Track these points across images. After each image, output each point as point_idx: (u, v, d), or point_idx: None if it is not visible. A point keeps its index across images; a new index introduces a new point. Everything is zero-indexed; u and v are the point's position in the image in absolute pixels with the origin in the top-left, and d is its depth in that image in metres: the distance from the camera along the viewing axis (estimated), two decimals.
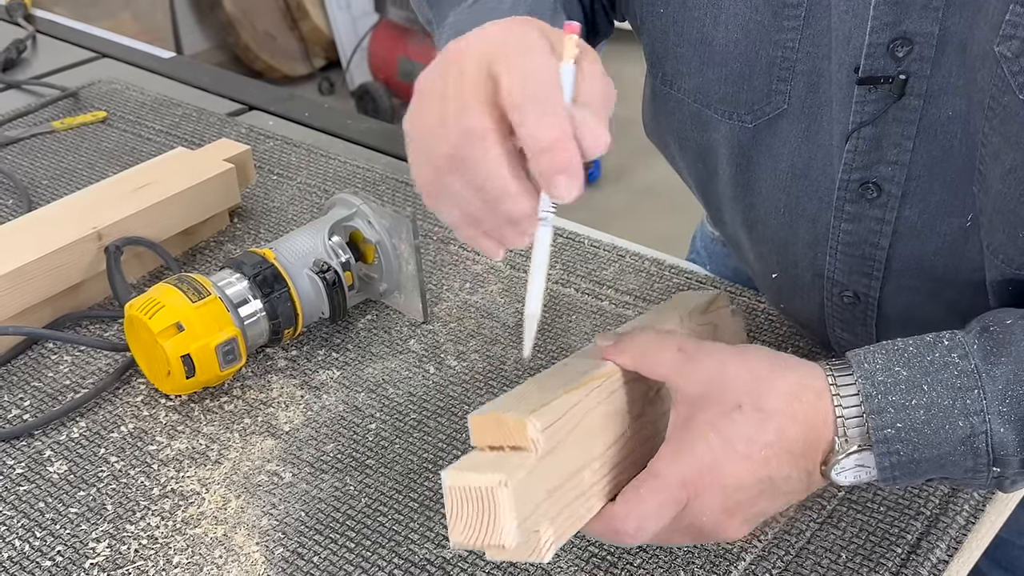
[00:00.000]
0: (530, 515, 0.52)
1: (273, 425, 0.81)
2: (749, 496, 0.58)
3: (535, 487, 0.53)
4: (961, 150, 0.64)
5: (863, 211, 0.69)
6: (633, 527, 0.57)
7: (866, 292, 0.73)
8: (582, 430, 0.58)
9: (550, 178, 0.51)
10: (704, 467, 0.57)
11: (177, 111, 1.26)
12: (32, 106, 1.27)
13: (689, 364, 0.60)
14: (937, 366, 0.57)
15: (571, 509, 0.56)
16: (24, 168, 1.15)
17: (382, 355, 0.87)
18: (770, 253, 0.78)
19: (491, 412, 0.54)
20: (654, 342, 0.62)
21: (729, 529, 0.59)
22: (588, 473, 0.58)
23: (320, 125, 1.26)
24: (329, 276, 0.86)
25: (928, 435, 0.56)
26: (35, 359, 0.88)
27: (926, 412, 0.56)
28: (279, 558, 0.70)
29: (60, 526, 0.73)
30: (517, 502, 0.51)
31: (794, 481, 0.59)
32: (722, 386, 0.59)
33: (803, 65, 0.68)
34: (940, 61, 0.62)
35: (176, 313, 0.79)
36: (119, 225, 0.93)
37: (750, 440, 0.57)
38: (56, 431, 0.80)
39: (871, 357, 0.59)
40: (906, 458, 0.57)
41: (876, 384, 0.57)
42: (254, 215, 1.06)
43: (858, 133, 0.66)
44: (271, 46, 3.84)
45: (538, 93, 0.51)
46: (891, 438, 0.57)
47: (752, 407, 0.58)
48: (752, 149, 0.73)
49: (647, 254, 0.99)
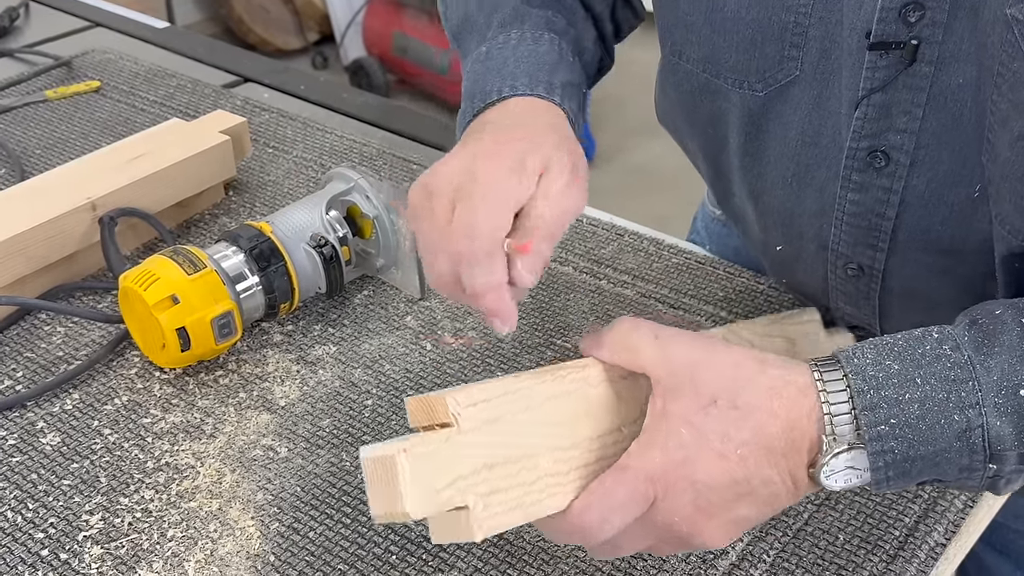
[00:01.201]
0: (445, 487, 0.53)
1: (269, 400, 0.80)
2: (724, 498, 0.55)
3: (456, 461, 0.54)
4: (970, 119, 0.63)
5: (870, 180, 0.69)
6: (596, 519, 0.55)
7: (871, 264, 0.73)
8: (539, 416, 0.57)
9: (486, 317, 0.63)
10: (674, 462, 0.55)
11: (172, 82, 1.25)
12: (25, 75, 1.25)
13: (664, 352, 0.57)
14: (929, 358, 0.55)
15: (518, 493, 0.55)
16: (17, 137, 1.13)
17: (379, 331, 0.87)
18: (775, 224, 0.77)
19: (421, 396, 0.56)
20: (628, 332, 0.59)
21: (707, 534, 0.56)
22: (548, 461, 0.56)
23: (316, 98, 1.25)
24: (326, 251, 0.85)
25: (923, 431, 0.54)
26: (28, 330, 0.87)
27: (920, 407, 0.54)
28: (274, 532, 0.70)
29: (53, 498, 0.72)
30: (419, 471, 0.53)
31: (776, 485, 0.55)
32: (697, 378, 0.56)
33: (816, 31, 0.67)
34: (951, 27, 0.62)
35: (171, 285, 0.78)
36: (113, 196, 0.92)
37: (725, 437, 0.55)
38: (49, 403, 0.80)
39: (860, 352, 0.56)
40: (901, 456, 0.54)
41: (867, 379, 0.54)
42: (249, 188, 1.05)
43: (868, 100, 0.66)
44: (264, 19, 3.81)
45: (474, 247, 0.61)
46: (885, 435, 0.54)
47: (728, 403, 0.55)
48: (762, 117, 0.72)
49: (646, 233, 0.98)
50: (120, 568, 0.67)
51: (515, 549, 0.68)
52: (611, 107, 1.35)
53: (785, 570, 0.67)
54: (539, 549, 0.68)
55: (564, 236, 0.78)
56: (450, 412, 0.55)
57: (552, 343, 0.85)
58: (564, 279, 0.92)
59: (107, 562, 0.68)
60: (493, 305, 0.62)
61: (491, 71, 0.73)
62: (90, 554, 0.68)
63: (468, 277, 0.61)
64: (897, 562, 0.67)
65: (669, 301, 0.89)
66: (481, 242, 0.61)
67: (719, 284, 0.92)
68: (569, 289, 0.91)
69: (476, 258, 0.61)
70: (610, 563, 0.67)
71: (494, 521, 0.54)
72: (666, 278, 0.92)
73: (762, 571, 0.67)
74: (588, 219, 1.00)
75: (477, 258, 0.61)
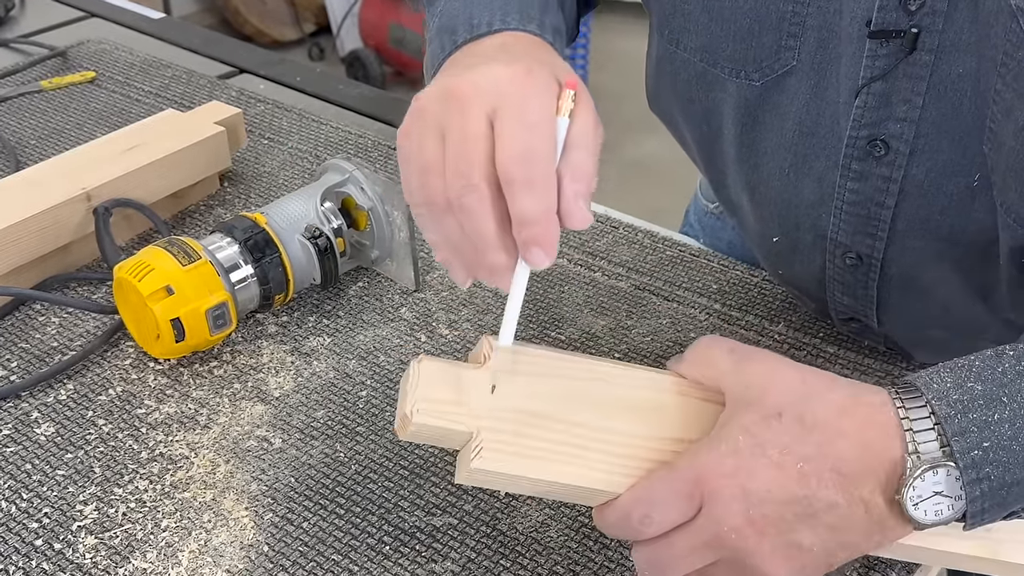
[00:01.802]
0: (447, 403, 0.57)
1: (263, 391, 0.80)
2: (781, 515, 0.52)
3: (469, 388, 0.58)
4: (971, 107, 0.64)
5: (870, 169, 0.69)
6: (639, 513, 0.54)
7: (869, 253, 0.73)
8: (588, 390, 0.59)
9: (527, 248, 0.55)
10: (724, 467, 0.53)
11: (167, 72, 1.25)
12: (20, 65, 1.25)
13: (739, 365, 0.56)
14: (1011, 376, 0.52)
15: (530, 442, 0.57)
16: (11, 127, 1.13)
17: (373, 323, 0.87)
18: (772, 216, 0.78)
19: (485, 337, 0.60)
20: (706, 346, 0.59)
21: (762, 555, 0.52)
22: (580, 430, 0.58)
23: (312, 90, 1.25)
24: (321, 242, 0.85)
25: (1017, 451, 0.50)
26: (22, 320, 0.87)
27: (1011, 426, 0.51)
28: (268, 523, 0.70)
29: (47, 488, 0.72)
30: (426, 379, 0.57)
31: (842, 510, 0.52)
32: (766, 391, 0.54)
33: (814, 20, 0.67)
34: (952, 16, 0.62)
35: (166, 276, 0.78)
36: (108, 186, 0.92)
37: (785, 449, 0.52)
38: (43, 393, 0.80)
39: (937, 377, 0.53)
40: (997, 483, 0.51)
41: (952, 403, 0.51)
42: (244, 179, 1.05)
43: (868, 88, 0.66)
44: (260, 10, 3.81)
45: (530, 169, 0.54)
46: (980, 461, 0.50)
47: (793, 417, 0.53)
48: (759, 108, 0.72)
49: (640, 226, 0.98)
50: (114, 558, 0.68)
51: (508, 540, 0.69)
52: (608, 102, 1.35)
53: None
54: (532, 540, 0.68)
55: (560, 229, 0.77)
56: (483, 352, 0.59)
57: (546, 335, 0.85)
58: (558, 271, 0.92)
59: (101, 552, 0.68)
60: (543, 234, 0.54)
61: (476, 4, 0.66)
62: (84, 544, 0.68)
63: (520, 201, 0.54)
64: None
65: (663, 294, 0.90)
66: (540, 166, 0.54)
67: (713, 277, 0.92)
68: (563, 281, 0.91)
69: (533, 182, 0.54)
70: (603, 554, 0.67)
71: (493, 456, 0.56)
72: (660, 270, 0.92)
73: None
74: None
75: (534, 182, 0.54)
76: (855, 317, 0.80)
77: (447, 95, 0.57)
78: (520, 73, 0.57)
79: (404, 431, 0.58)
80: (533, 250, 0.55)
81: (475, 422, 0.57)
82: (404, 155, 0.59)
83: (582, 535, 0.69)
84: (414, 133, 0.58)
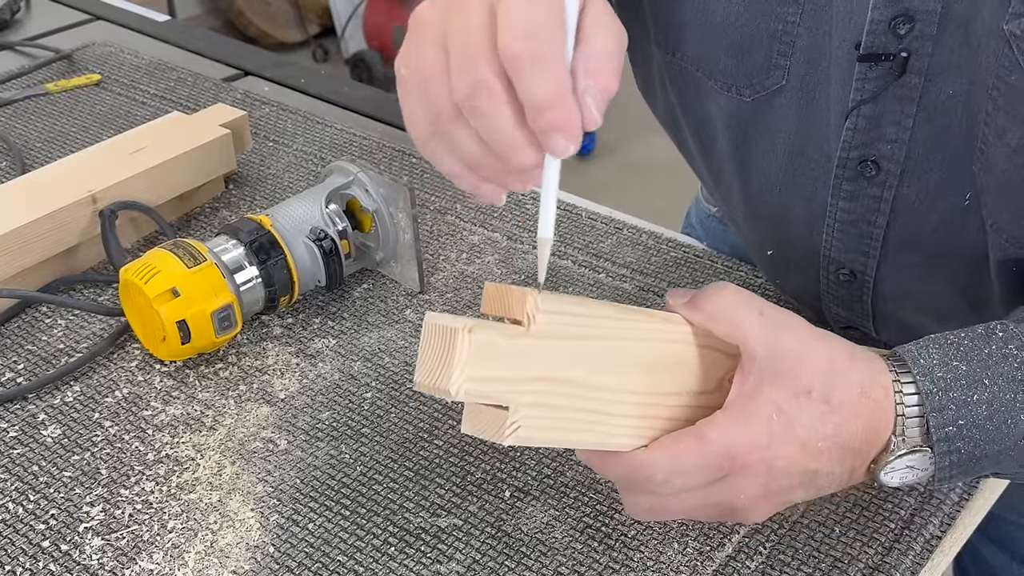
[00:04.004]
0: (493, 380, 0.52)
1: (268, 392, 0.80)
2: (791, 484, 0.57)
3: (513, 360, 0.52)
4: (960, 129, 0.64)
5: (861, 189, 0.69)
6: (661, 477, 0.55)
7: (862, 270, 0.73)
8: (612, 352, 0.56)
9: (547, 136, 0.49)
10: (758, 447, 0.55)
11: (172, 75, 1.25)
12: (25, 68, 1.26)
13: (773, 334, 0.57)
14: (996, 359, 0.55)
15: (564, 414, 0.54)
16: (17, 130, 1.14)
17: (378, 324, 0.87)
18: (766, 229, 0.78)
19: (503, 284, 0.54)
20: (734, 303, 0.58)
21: (756, 512, 0.57)
22: (607, 396, 0.56)
23: (316, 92, 1.25)
24: (326, 244, 0.86)
25: (990, 431, 0.55)
26: (29, 322, 0.87)
27: (988, 407, 0.54)
28: (274, 524, 0.70)
29: (54, 490, 0.73)
30: (476, 355, 0.51)
31: (835, 477, 0.57)
32: (799, 365, 0.56)
33: (803, 40, 0.67)
34: (941, 39, 0.62)
35: (172, 278, 0.79)
36: (114, 189, 0.92)
37: (812, 429, 0.55)
38: (50, 395, 0.80)
39: (925, 353, 0.57)
40: (966, 456, 0.55)
41: (935, 380, 0.55)
42: (250, 181, 1.05)
43: (858, 111, 0.66)
44: (265, 11, 3.81)
45: (535, 46, 0.48)
46: (952, 436, 0.55)
47: (821, 396, 0.56)
48: (750, 125, 0.73)
49: (644, 227, 0.99)
50: (121, 559, 0.68)
51: (513, 541, 0.69)
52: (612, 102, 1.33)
53: (781, 562, 0.67)
54: (537, 541, 0.69)
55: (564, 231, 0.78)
56: (526, 311, 0.53)
57: None
58: (563, 272, 0.93)
59: (108, 553, 0.68)
60: (562, 118, 0.49)
61: None
62: (91, 545, 0.69)
63: (529, 83, 0.48)
64: (892, 554, 0.67)
65: None
66: (546, 41, 0.49)
67: (717, 278, 0.92)
68: (568, 282, 0.91)
69: (540, 59, 0.48)
70: (608, 555, 0.67)
71: (527, 433, 0.53)
72: (665, 272, 0.93)
73: (758, 563, 0.67)
74: (587, 213, 1.00)
75: (542, 59, 0.48)
76: (853, 326, 0.80)
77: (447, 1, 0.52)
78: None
79: (434, 393, 0.52)
80: (553, 137, 0.49)
81: (517, 397, 0.53)
82: (404, 83, 0.54)
83: (587, 536, 0.69)
84: (412, 52, 0.53)
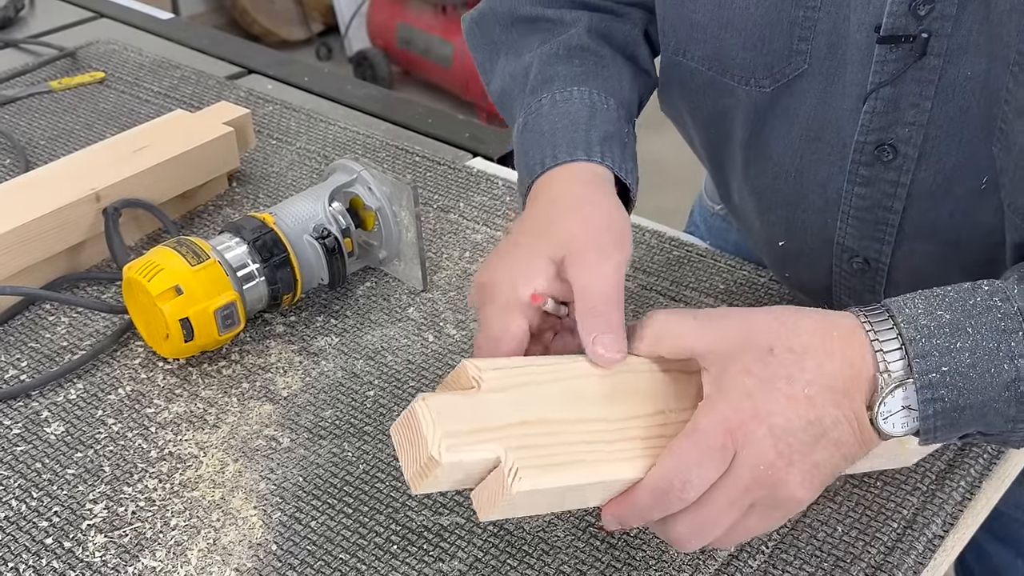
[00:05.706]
0: (469, 432, 0.54)
1: (271, 390, 0.80)
2: (802, 441, 0.55)
3: (479, 414, 0.55)
4: (979, 110, 0.64)
5: (878, 174, 0.69)
6: (677, 481, 0.55)
7: (877, 257, 0.73)
8: (569, 389, 0.57)
9: None
10: (745, 410, 0.54)
11: (176, 73, 1.25)
12: (29, 65, 1.26)
13: (712, 324, 0.58)
14: (980, 309, 0.55)
15: (560, 451, 0.55)
16: (21, 128, 1.14)
17: (381, 322, 0.87)
18: (779, 220, 0.78)
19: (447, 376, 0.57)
20: (667, 321, 0.59)
21: (792, 484, 0.55)
22: (585, 428, 0.57)
23: (320, 90, 1.25)
24: (329, 242, 0.86)
25: (973, 379, 0.54)
26: (32, 320, 0.87)
27: (971, 355, 0.54)
28: (276, 522, 0.70)
29: (57, 487, 0.73)
30: (440, 415, 0.53)
31: (844, 426, 0.55)
32: (750, 333, 0.56)
33: (824, 24, 0.67)
34: (961, 19, 0.62)
35: (175, 276, 0.79)
36: (117, 187, 0.93)
37: (790, 379, 0.55)
38: (53, 392, 0.80)
39: (911, 303, 0.56)
40: (950, 405, 0.54)
41: (919, 328, 0.55)
42: (253, 179, 1.05)
43: (876, 94, 0.66)
44: (268, 9, 3.82)
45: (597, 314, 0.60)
46: (936, 383, 0.54)
47: (784, 348, 0.55)
48: (768, 112, 0.72)
49: (647, 226, 0.98)
50: (124, 556, 0.68)
51: (515, 540, 0.69)
52: None
53: (783, 561, 0.67)
54: (539, 540, 0.69)
55: None
56: (471, 376, 0.56)
57: None
58: None
59: (111, 550, 0.68)
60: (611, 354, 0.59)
61: (530, 144, 0.72)
62: (94, 542, 0.69)
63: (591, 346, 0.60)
64: (895, 554, 0.67)
65: (671, 294, 0.90)
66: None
67: (720, 277, 0.92)
68: None
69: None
70: (610, 553, 0.68)
71: (529, 475, 0.54)
72: (667, 271, 0.93)
73: (760, 562, 0.67)
74: None
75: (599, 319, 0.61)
76: None
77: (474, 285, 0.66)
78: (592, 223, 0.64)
79: (426, 478, 0.53)
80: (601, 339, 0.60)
81: (501, 445, 0.54)
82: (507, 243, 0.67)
83: (588, 535, 0.69)
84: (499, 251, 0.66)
